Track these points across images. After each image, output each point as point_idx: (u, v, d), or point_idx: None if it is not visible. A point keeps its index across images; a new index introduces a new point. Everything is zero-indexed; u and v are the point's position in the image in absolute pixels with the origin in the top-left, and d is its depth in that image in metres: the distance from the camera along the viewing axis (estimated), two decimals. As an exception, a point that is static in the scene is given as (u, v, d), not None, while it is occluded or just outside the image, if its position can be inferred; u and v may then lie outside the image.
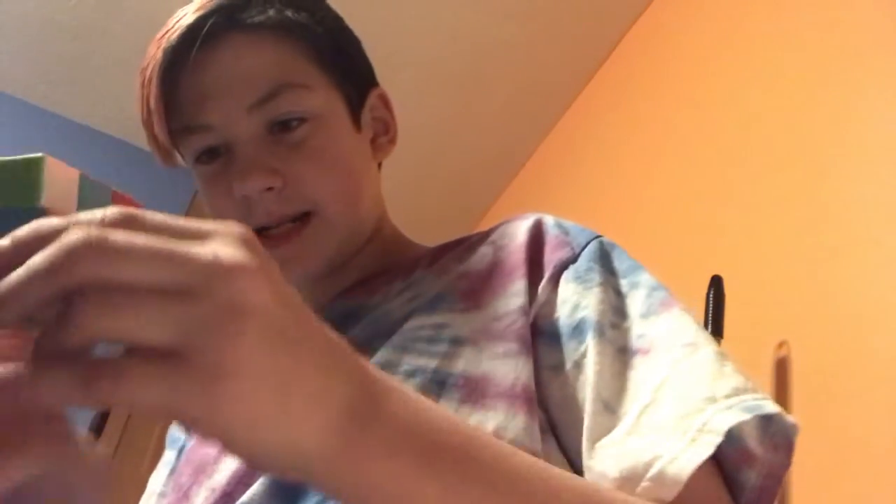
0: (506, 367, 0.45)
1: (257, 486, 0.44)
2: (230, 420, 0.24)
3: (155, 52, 0.52)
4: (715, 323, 1.02)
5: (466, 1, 1.83)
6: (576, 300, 0.47)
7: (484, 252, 0.53)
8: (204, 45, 0.50)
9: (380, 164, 0.62)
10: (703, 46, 1.51)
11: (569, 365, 0.45)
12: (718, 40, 1.47)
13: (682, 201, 1.40)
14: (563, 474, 0.34)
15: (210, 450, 0.51)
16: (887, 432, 0.82)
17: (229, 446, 0.25)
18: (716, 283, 1.05)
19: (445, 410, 0.31)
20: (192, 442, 0.55)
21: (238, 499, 0.44)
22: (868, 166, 0.97)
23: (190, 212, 2.39)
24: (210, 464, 0.49)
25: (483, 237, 0.55)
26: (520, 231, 0.53)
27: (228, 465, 0.48)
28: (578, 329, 0.46)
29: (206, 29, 0.50)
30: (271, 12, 0.53)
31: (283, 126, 0.52)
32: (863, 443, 0.84)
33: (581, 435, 0.42)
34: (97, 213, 0.24)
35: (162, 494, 0.56)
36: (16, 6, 2.04)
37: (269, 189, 0.51)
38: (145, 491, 0.58)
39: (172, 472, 0.57)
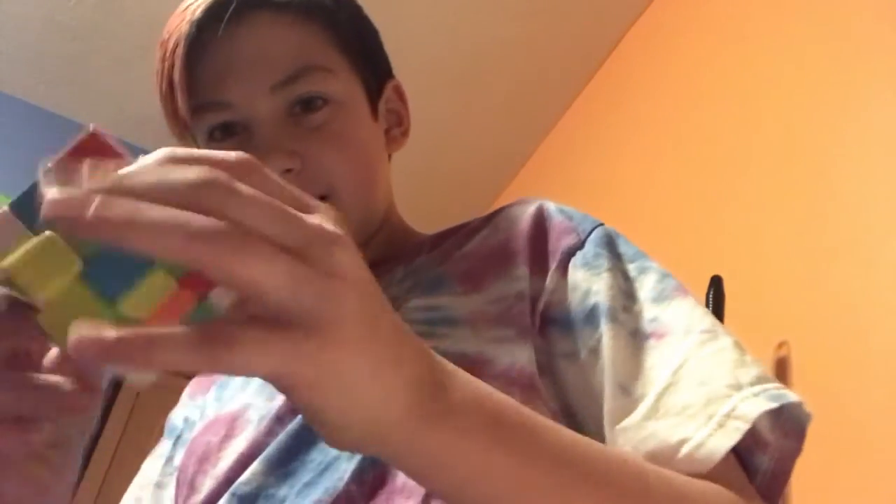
0: (501, 349, 0.45)
1: (255, 465, 0.45)
2: (329, 386, 0.24)
3: (178, 25, 0.51)
4: (715, 323, 1.02)
5: (466, 1, 1.83)
6: (586, 287, 0.47)
7: (484, 236, 0.53)
8: (231, 21, 0.50)
9: (390, 156, 0.62)
10: (703, 47, 1.51)
11: (584, 352, 0.45)
12: (718, 40, 1.47)
13: (681, 201, 1.40)
14: (619, 452, 0.35)
15: (212, 438, 0.51)
16: (887, 431, 0.82)
17: (319, 414, 0.25)
18: (716, 283, 1.05)
19: (500, 392, 0.32)
20: (194, 432, 0.55)
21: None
22: (868, 166, 0.97)
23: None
24: (214, 453, 0.50)
25: (484, 222, 0.55)
26: (522, 216, 0.52)
27: (231, 454, 0.48)
28: (591, 315, 0.46)
29: (234, 4, 0.49)
30: None
31: (304, 107, 0.52)
32: (863, 442, 0.84)
33: (602, 421, 0.43)
34: (229, 155, 0.25)
35: (159, 485, 0.56)
36: (16, 6, 2.04)
37: (288, 171, 0.50)
38: (139, 476, 0.58)
39: (168, 461, 0.57)
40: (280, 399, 0.49)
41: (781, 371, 0.99)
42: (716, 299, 1.04)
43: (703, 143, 1.39)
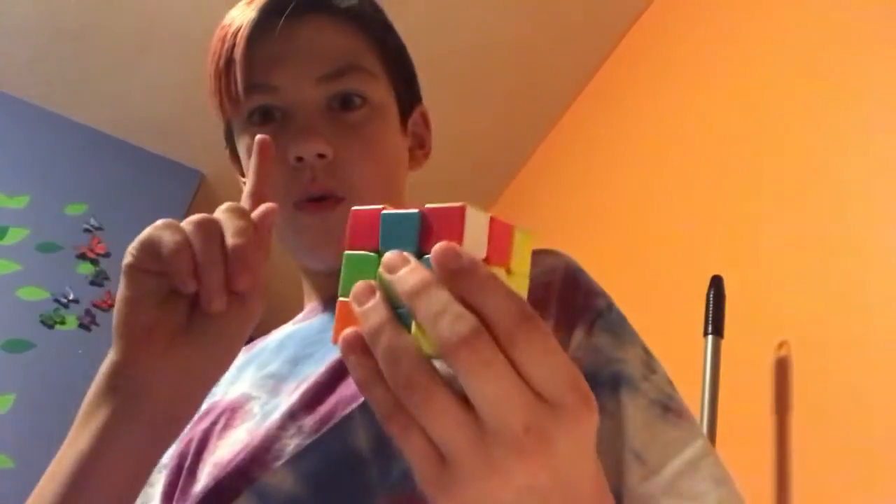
0: None
1: (246, 452, 0.47)
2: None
3: (244, 12, 0.55)
4: (715, 323, 1.02)
5: (462, 5, 1.83)
6: (609, 351, 0.49)
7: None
8: (292, 16, 0.54)
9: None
10: (703, 48, 1.51)
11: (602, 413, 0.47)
12: (719, 41, 1.47)
13: (682, 201, 1.40)
14: None
15: (210, 426, 0.51)
16: (887, 431, 0.82)
17: None
18: (716, 283, 1.05)
19: None
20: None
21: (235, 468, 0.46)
22: (869, 165, 0.97)
23: (190, 211, 2.39)
24: (212, 440, 0.50)
25: None
26: (553, 268, 0.53)
27: (233, 443, 0.49)
28: (614, 379, 0.47)
29: (296, 2, 0.54)
30: (357, 2, 0.57)
31: (344, 103, 0.55)
32: (862, 442, 0.84)
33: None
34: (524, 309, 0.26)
35: (149, 483, 0.56)
36: (16, 7, 2.04)
37: (322, 157, 0.52)
38: None
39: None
40: (287, 395, 0.50)
41: (781, 371, 0.99)
42: (716, 299, 1.04)
43: (704, 143, 1.39)
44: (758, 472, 0.94)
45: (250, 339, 0.57)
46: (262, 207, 0.43)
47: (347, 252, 0.30)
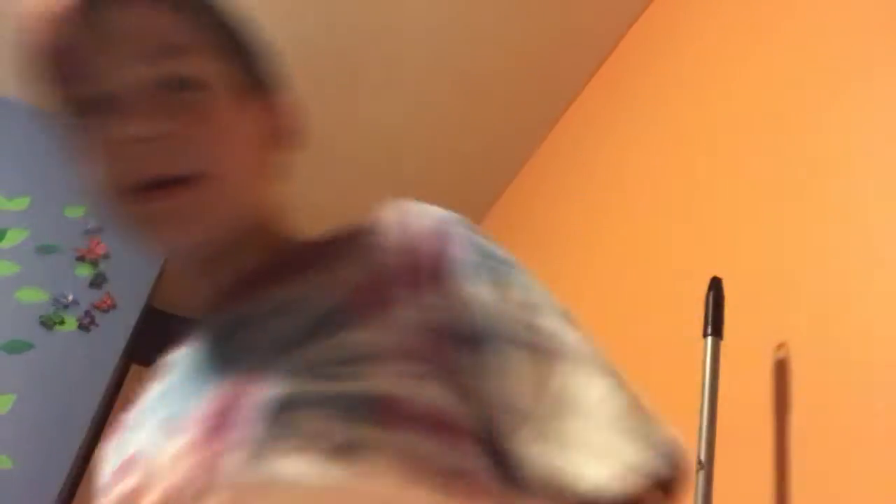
0: (411, 386, 0.44)
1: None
2: None
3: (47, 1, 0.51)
4: (714, 324, 1.02)
5: (453, 38, 1.84)
6: (479, 301, 0.47)
7: (368, 255, 0.51)
8: (112, 1, 0.50)
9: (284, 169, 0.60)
10: (701, 45, 1.52)
11: (485, 366, 0.46)
12: (714, 39, 1.47)
13: (680, 202, 1.40)
14: None
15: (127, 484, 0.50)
16: (888, 434, 0.82)
17: None
18: (715, 285, 1.05)
19: None
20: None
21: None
22: (869, 167, 0.97)
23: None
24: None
25: (365, 234, 0.53)
26: (393, 228, 0.52)
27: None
28: (490, 332, 0.47)
29: None
30: None
31: (174, 86, 0.51)
32: (863, 444, 0.84)
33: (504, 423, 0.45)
34: None
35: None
36: (15, 6, 2.04)
37: (156, 138, 0.49)
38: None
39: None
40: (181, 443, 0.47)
41: (781, 372, 0.99)
42: (715, 301, 1.04)
43: (702, 144, 1.39)
44: (757, 474, 0.94)
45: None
46: None
47: None
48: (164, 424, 0.51)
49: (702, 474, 0.90)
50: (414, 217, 0.52)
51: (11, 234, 2.20)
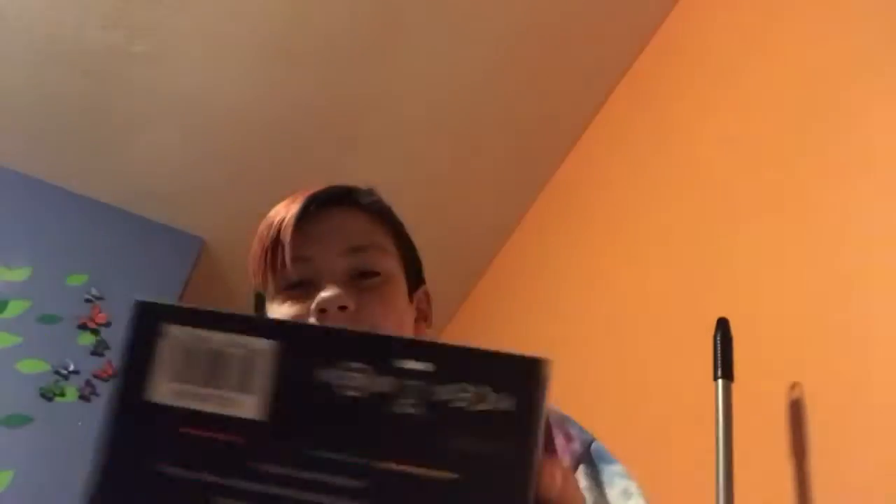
0: None
1: None
2: None
3: (288, 206, 0.69)
4: (724, 366, 1.01)
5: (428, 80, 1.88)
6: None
7: None
8: (327, 205, 0.68)
9: None
10: (705, 81, 1.54)
11: None
12: (713, 79, 1.49)
13: (686, 243, 1.40)
14: None
15: None
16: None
17: None
18: (722, 326, 1.04)
19: None
20: None
21: None
22: (877, 202, 0.98)
23: (189, 283, 2.39)
24: None
25: None
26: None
27: None
28: None
29: (330, 195, 0.69)
30: (375, 199, 0.73)
31: (363, 274, 0.67)
32: (880, 484, 0.82)
33: None
34: None
35: None
36: (13, 78, 2.09)
37: (343, 308, 0.63)
38: None
39: None
40: None
41: (796, 413, 0.97)
42: (723, 342, 1.03)
43: (708, 184, 1.40)
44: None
45: None
46: None
47: None
48: None
49: (723, 524, 0.87)
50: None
51: (13, 305, 2.20)
